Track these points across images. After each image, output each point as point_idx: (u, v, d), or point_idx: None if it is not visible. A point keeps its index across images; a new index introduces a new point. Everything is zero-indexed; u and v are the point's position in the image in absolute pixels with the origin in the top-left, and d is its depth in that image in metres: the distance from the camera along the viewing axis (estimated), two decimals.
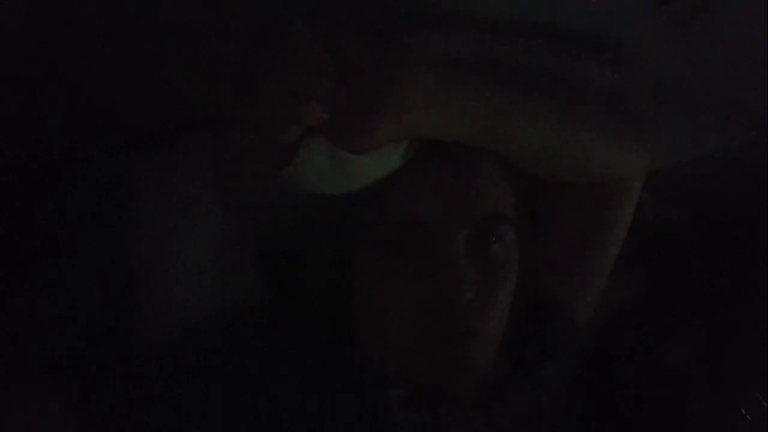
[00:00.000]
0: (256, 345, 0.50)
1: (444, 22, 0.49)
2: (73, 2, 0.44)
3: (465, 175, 0.46)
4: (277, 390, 0.48)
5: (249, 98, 0.39)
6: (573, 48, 0.53)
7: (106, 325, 0.55)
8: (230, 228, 0.53)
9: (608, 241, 0.55)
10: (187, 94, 0.55)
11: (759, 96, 0.60)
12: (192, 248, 0.52)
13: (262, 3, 0.46)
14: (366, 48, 0.39)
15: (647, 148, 0.54)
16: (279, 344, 0.50)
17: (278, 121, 0.38)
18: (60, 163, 0.59)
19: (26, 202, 0.59)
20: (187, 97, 0.56)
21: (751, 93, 0.61)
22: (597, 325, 0.58)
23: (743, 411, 0.68)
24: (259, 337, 0.51)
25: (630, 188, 0.54)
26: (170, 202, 0.54)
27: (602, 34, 0.53)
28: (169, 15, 0.47)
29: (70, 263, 0.57)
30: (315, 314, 0.52)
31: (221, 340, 0.49)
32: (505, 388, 0.51)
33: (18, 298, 0.56)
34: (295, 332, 0.51)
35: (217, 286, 0.51)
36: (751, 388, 0.69)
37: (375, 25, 0.43)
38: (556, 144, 0.48)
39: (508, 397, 0.51)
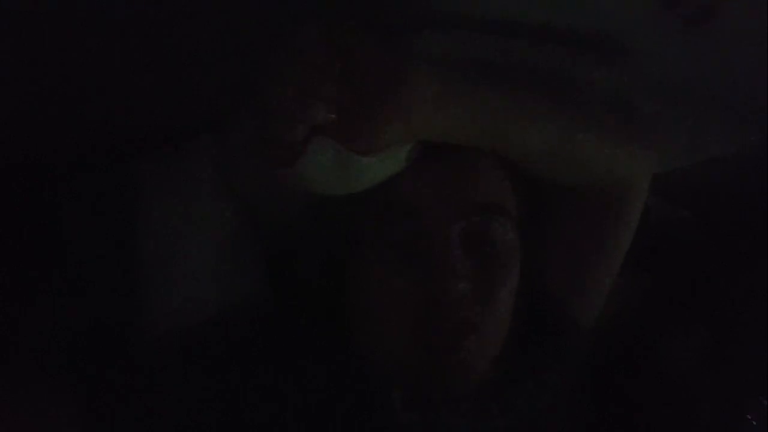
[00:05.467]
0: (260, 346, 0.50)
1: (451, 23, 0.49)
2: (75, 3, 0.44)
3: (461, 168, 0.46)
4: (280, 390, 0.48)
5: (256, 97, 0.39)
6: (580, 50, 0.53)
7: (110, 327, 0.55)
8: (234, 229, 0.53)
9: (614, 245, 0.54)
10: (192, 95, 0.55)
11: (764, 98, 0.60)
12: (196, 249, 0.52)
13: (270, 3, 0.46)
14: (373, 48, 0.39)
15: (654, 152, 0.54)
16: (282, 345, 0.50)
17: (284, 120, 0.38)
18: (64, 166, 0.59)
19: (31, 205, 0.59)
20: (191, 98, 0.56)
21: (757, 95, 0.61)
22: (601, 328, 0.58)
23: (749, 417, 0.67)
24: (263, 338, 0.50)
25: (636, 192, 0.54)
26: (174, 204, 0.54)
27: (609, 35, 0.52)
28: (175, 15, 0.47)
29: (75, 265, 0.57)
30: (317, 314, 0.51)
31: (225, 341, 0.49)
32: (509, 390, 0.51)
33: (23, 298, 0.56)
34: (297, 332, 0.51)
35: (221, 287, 0.51)
36: (756, 393, 0.69)
37: (383, 26, 0.43)
38: (562, 147, 0.48)
39: (511, 400, 0.51)
